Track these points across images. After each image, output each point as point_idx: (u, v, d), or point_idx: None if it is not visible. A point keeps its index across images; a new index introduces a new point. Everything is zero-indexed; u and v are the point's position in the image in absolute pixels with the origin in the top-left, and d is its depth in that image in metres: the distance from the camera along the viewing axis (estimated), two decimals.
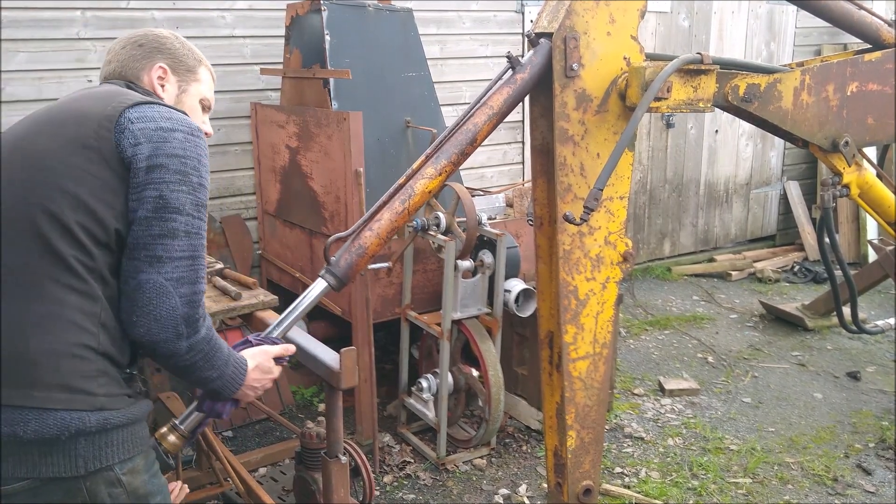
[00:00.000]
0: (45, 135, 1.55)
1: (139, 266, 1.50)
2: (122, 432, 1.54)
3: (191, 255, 1.54)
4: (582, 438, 2.26)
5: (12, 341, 1.47)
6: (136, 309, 1.50)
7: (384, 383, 4.35)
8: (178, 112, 1.61)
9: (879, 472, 3.63)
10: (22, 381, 1.46)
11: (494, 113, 2.00)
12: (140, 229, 1.51)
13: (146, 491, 1.60)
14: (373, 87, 4.03)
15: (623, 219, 2.17)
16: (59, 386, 1.47)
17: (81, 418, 1.48)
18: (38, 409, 1.45)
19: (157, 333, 1.51)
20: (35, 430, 1.45)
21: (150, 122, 1.54)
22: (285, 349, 1.85)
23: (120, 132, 1.52)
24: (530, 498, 3.46)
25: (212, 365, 1.61)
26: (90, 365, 1.50)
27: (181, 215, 1.52)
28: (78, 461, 1.48)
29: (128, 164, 1.51)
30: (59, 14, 4.00)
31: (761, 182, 7.28)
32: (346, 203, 3.61)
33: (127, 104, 1.56)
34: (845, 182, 2.76)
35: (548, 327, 2.28)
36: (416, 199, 1.96)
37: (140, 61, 1.77)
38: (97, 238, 1.51)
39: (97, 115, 1.54)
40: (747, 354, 5.02)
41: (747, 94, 2.30)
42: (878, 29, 2.71)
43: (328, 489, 2.24)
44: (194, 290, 1.54)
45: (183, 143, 1.54)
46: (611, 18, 2.01)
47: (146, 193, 1.51)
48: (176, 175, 1.52)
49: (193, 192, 1.55)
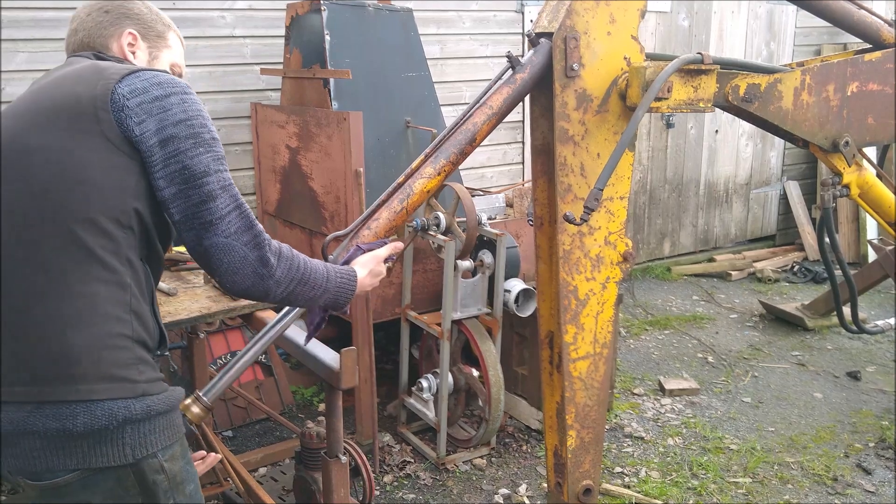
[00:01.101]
0: (42, 127, 1.52)
1: (198, 235, 1.55)
2: (163, 419, 1.57)
3: (234, 205, 1.57)
4: (582, 438, 2.26)
5: (51, 339, 1.47)
6: (215, 271, 1.57)
7: (384, 383, 4.35)
8: (161, 73, 1.58)
9: (879, 471, 3.64)
10: (65, 377, 1.47)
11: (494, 113, 1.99)
12: (181, 202, 1.53)
13: (182, 478, 1.63)
14: (373, 87, 4.03)
15: (623, 219, 2.16)
16: (102, 377, 1.49)
17: (127, 406, 1.50)
18: (85, 401, 1.47)
19: (242, 283, 1.59)
20: (84, 423, 1.47)
21: (143, 93, 1.52)
22: (393, 248, 1.95)
23: (119, 111, 1.50)
24: (530, 498, 3.46)
25: (311, 286, 1.69)
26: (128, 353, 1.53)
27: (210, 175, 1.54)
28: (126, 449, 1.51)
29: (137, 144, 1.51)
30: (59, 14, 4.00)
31: (761, 182, 7.29)
32: (346, 203, 3.61)
33: (115, 79, 1.52)
34: (845, 182, 2.76)
35: (548, 327, 2.28)
36: (415, 199, 1.96)
37: (108, 28, 1.73)
38: (119, 222, 1.51)
39: (89, 98, 1.51)
40: (747, 354, 5.03)
41: (748, 94, 2.30)
42: (878, 29, 2.70)
43: (328, 489, 2.24)
44: (254, 233, 1.59)
45: (182, 106, 1.54)
46: (611, 18, 2.01)
47: (170, 169, 1.52)
48: (189, 141, 1.53)
49: (210, 149, 1.56)
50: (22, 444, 1.48)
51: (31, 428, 1.47)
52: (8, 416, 1.48)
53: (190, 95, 1.57)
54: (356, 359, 2.10)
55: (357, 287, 1.81)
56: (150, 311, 1.61)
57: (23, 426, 1.47)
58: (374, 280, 1.90)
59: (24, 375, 1.48)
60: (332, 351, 2.23)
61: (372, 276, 1.88)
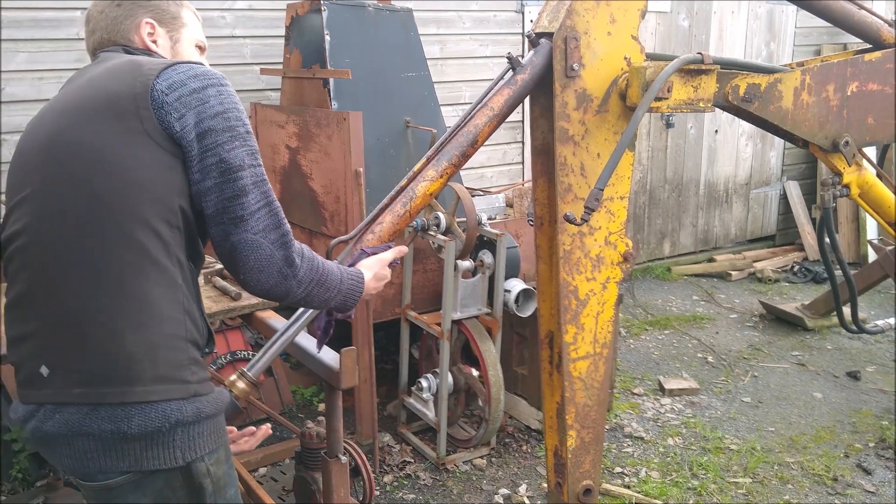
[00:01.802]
0: (85, 126, 1.51)
1: (227, 230, 1.54)
2: (210, 423, 1.58)
3: (265, 202, 1.57)
4: (582, 438, 2.26)
5: (108, 341, 1.47)
6: (240, 268, 1.56)
7: (384, 383, 4.35)
8: (197, 65, 1.58)
9: (879, 471, 3.64)
10: (123, 379, 1.47)
11: (495, 114, 2.00)
12: (215, 196, 1.52)
13: (225, 482, 1.64)
14: (373, 87, 4.03)
15: (623, 219, 2.16)
16: (158, 378, 1.49)
17: (179, 408, 1.51)
18: (141, 403, 1.47)
19: (265, 282, 1.58)
20: (139, 425, 1.47)
21: (181, 87, 1.51)
22: (398, 252, 1.94)
23: (160, 108, 1.49)
24: (530, 498, 3.46)
25: (327, 287, 1.69)
26: (182, 354, 1.54)
27: (244, 170, 1.54)
28: (176, 452, 1.52)
29: (178, 140, 1.50)
30: (59, 14, 4.00)
31: (761, 182, 7.29)
32: (346, 203, 3.61)
33: (151, 75, 1.51)
34: (845, 182, 2.76)
35: (548, 327, 2.28)
36: (418, 202, 1.97)
37: (124, 22, 1.71)
38: (169, 222, 1.51)
39: (128, 96, 1.50)
40: (747, 354, 5.03)
41: (748, 94, 2.30)
42: (878, 29, 2.70)
43: (328, 489, 2.24)
44: (281, 231, 1.58)
45: (219, 98, 1.53)
46: (611, 18, 2.01)
47: (207, 162, 1.51)
48: (225, 134, 1.52)
49: (245, 143, 1.55)
50: (76, 445, 1.50)
51: (86, 430, 1.47)
52: (63, 417, 1.48)
53: (226, 87, 1.57)
54: (356, 359, 2.10)
55: (363, 291, 1.81)
56: (198, 310, 1.62)
57: (78, 428, 1.48)
58: (379, 284, 1.89)
59: (81, 377, 1.48)
60: (332, 351, 2.23)
61: (377, 280, 1.87)
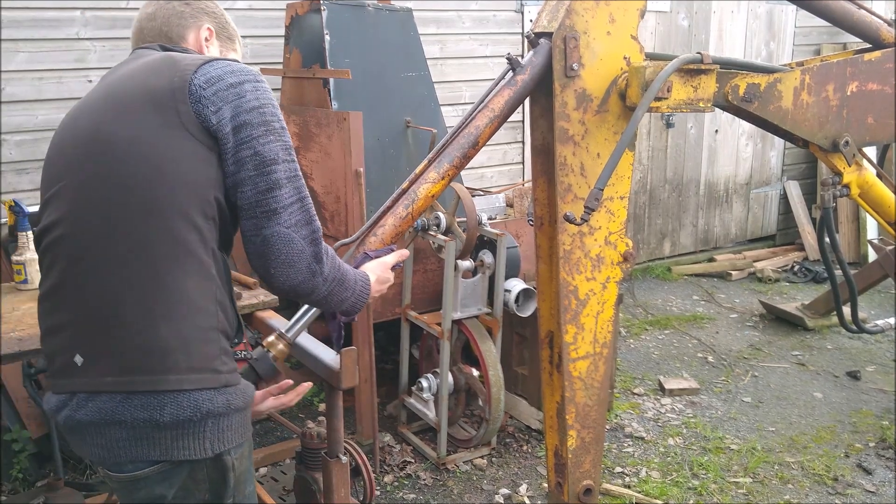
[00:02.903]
0: (122, 121, 1.53)
1: (259, 223, 1.55)
2: (238, 416, 1.60)
3: (298, 197, 1.58)
4: (582, 438, 2.26)
5: (144, 331, 1.50)
6: (271, 262, 1.56)
7: (384, 383, 4.35)
8: (234, 62, 1.61)
9: (880, 471, 3.63)
10: (156, 368, 1.49)
11: (496, 115, 2.00)
12: (248, 189, 1.54)
13: (244, 478, 1.66)
14: (373, 87, 4.02)
15: (623, 219, 2.17)
16: (191, 368, 1.51)
17: (211, 398, 1.53)
18: (174, 391, 1.50)
19: (294, 277, 1.59)
20: (171, 413, 1.49)
21: (219, 82, 1.54)
22: (400, 255, 1.95)
23: (197, 102, 1.51)
24: (531, 498, 3.46)
25: (345, 287, 1.71)
26: (215, 345, 1.56)
27: (278, 164, 1.56)
28: (206, 443, 1.54)
29: (214, 132, 1.52)
30: (59, 14, 4.00)
31: (761, 182, 7.28)
32: (347, 203, 3.61)
33: (190, 70, 1.54)
34: (845, 182, 2.76)
35: (548, 327, 2.28)
36: (420, 204, 1.97)
37: (188, 19, 1.77)
38: (205, 213, 1.53)
39: (167, 91, 1.52)
40: (747, 354, 5.03)
41: (747, 94, 2.30)
42: (878, 28, 2.70)
43: (328, 489, 2.24)
44: (312, 227, 1.60)
45: (255, 94, 1.56)
46: (611, 18, 2.01)
47: (242, 154, 1.53)
48: (261, 128, 1.54)
49: (280, 138, 1.58)
50: (108, 434, 1.51)
51: (120, 418, 1.49)
52: (97, 405, 1.50)
53: (262, 83, 1.59)
54: (356, 359, 2.10)
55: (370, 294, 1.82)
56: (230, 301, 1.64)
57: (111, 416, 1.49)
58: (382, 287, 1.90)
59: (115, 366, 1.50)
60: (332, 351, 2.23)
61: (380, 283, 1.88)
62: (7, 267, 3.40)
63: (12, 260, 2.92)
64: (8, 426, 3.50)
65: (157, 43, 1.74)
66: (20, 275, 2.90)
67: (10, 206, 3.16)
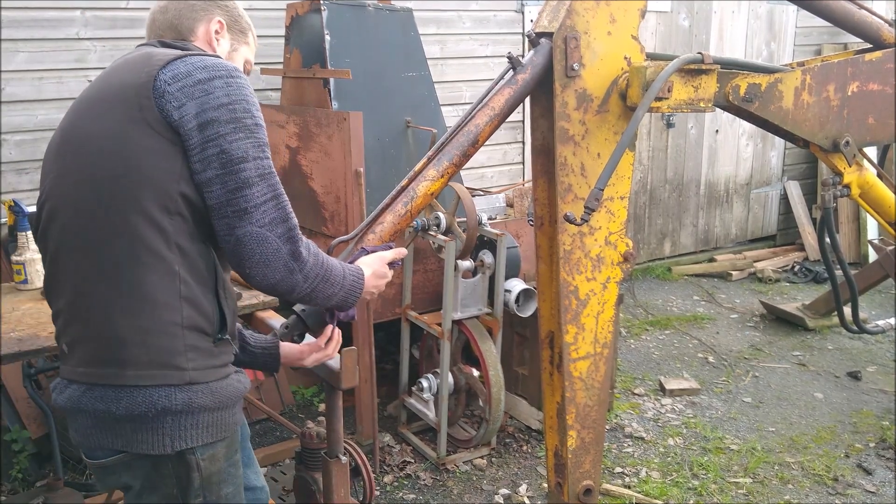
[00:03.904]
0: (92, 119, 1.56)
1: (231, 223, 1.53)
2: (207, 415, 1.59)
3: (272, 195, 1.56)
4: (582, 438, 2.26)
5: (103, 324, 1.53)
6: (245, 261, 1.55)
7: (384, 383, 4.35)
8: (211, 57, 1.58)
9: (880, 471, 3.63)
10: (115, 362, 1.52)
11: (496, 114, 2.00)
12: (216, 188, 1.52)
13: (220, 479, 1.65)
14: (373, 87, 4.02)
15: (623, 219, 2.16)
16: (149, 363, 1.52)
17: (168, 395, 1.53)
18: (130, 386, 1.52)
19: (271, 276, 1.57)
20: (126, 407, 1.52)
21: (186, 77, 1.51)
22: (398, 253, 1.92)
23: (160, 97, 1.50)
24: (530, 498, 3.45)
25: (331, 283, 1.68)
26: (178, 341, 1.55)
27: (248, 162, 1.52)
28: (165, 440, 1.55)
29: (176, 128, 1.50)
30: (59, 14, 4.00)
31: (762, 182, 7.28)
32: (346, 203, 3.61)
33: (158, 66, 1.53)
34: (846, 182, 2.75)
35: (548, 327, 2.28)
36: (419, 202, 1.96)
37: (198, 11, 1.76)
38: (168, 209, 1.52)
39: (134, 86, 1.52)
40: (748, 354, 5.02)
41: (748, 94, 2.30)
42: (878, 28, 2.70)
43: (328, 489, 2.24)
44: (288, 225, 1.57)
45: (226, 90, 1.52)
46: (611, 18, 2.01)
47: (208, 153, 1.50)
48: (229, 125, 1.51)
49: (252, 135, 1.54)
50: (79, 421, 1.58)
51: (83, 407, 1.55)
52: (69, 393, 1.58)
53: (236, 79, 1.55)
54: (356, 359, 2.09)
55: (364, 288, 1.79)
56: (208, 295, 1.60)
57: (77, 404, 1.56)
58: (379, 282, 1.86)
59: (84, 357, 1.56)
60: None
61: (377, 278, 1.85)
62: (7, 267, 3.40)
63: (12, 260, 2.92)
64: (8, 426, 3.50)
65: (166, 37, 1.75)
66: (20, 275, 2.90)
67: (10, 206, 3.16)
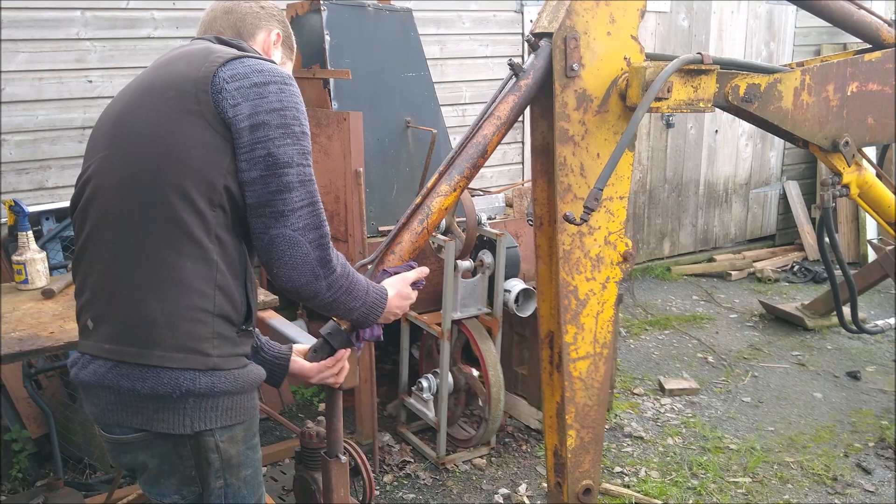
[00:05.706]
0: (148, 105, 1.60)
1: (266, 223, 1.59)
2: (227, 399, 1.62)
3: (309, 202, 1.62)
4: (582, 438, 2.26)
5: (136, 304, 1.56)
6: (274, 261, 1.60)
7: (384, 383, 4.35)
8: (267, 62, 1.64)
9: (879, 471, 3.64)
10: (143, 342, 1.56)
11: (502, 122, 2.01)
12: (258, 188, 1.57)
13: (239, 461, 1.69)
14: (373, 87, 4.02)
15: (623, 219, 2.17)
16: (176, 346, 1.56)
17: (193, 378, 1.57)
18: (156, 367, 1.55)
19: (297, 279, 1.62)
20: (151, 387, 1.55)
21: (243, 79, 1.57)
22: (420, 272, 1.94)
23: (217, 93, 1.55)
24: (530, 497, 3.46)
25: (353, 297, 1.73)
26: (206, 328, 1.59)
27: (292, 167, 1.59)
28: (185, 420, 1.58)
29: (229, 125, 1.55)
30: (59, 14, 4.00)
31: (761, 182, 7.29)
32: (346, 203, 3.61)
33: (218, 63, 1.58)
34: (845, 182, 2.76)
35: (548, 327, 2.29)
36: (434, 218, 1.98)
37: (262, 20, 1.83)
38: (211, 200, 1.56)
39: (193, 79, 1.57)
40: (747, 354, 5.03)
41: (747, 95, 2.30)
42: (878, 29, 2.71)
43: (328, 489, 2.24)
44: (320, 233, 1.63)
45: (279, 96, 1.58)
46: (611, 18, 2.01)
47: (255, 153, 1.56)
48: (279, 130, 1.57)
49: (298, 142, 1.60)
50: (101, 396, 1.61)
51: (108, 383, 1.58)
52: (94, 368, 1.60)
53: (289, 86, 1.62)
54: (356, 359, 2.10)
55: (386, 307, 1.82)
56: (239, 287, 1.66)
57: (102, 380, 1.59)
58: (403, 303, 1.88)
59: (112, 334, 1.59)
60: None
61: (401, 299, 1.87)
62: (7, 267, 3.40)
63: (12, 260, 2.92)
64: (8, 426, 3.50)
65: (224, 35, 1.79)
66: (20, 275, 2.90)
67: (10, 206, 3.16)
